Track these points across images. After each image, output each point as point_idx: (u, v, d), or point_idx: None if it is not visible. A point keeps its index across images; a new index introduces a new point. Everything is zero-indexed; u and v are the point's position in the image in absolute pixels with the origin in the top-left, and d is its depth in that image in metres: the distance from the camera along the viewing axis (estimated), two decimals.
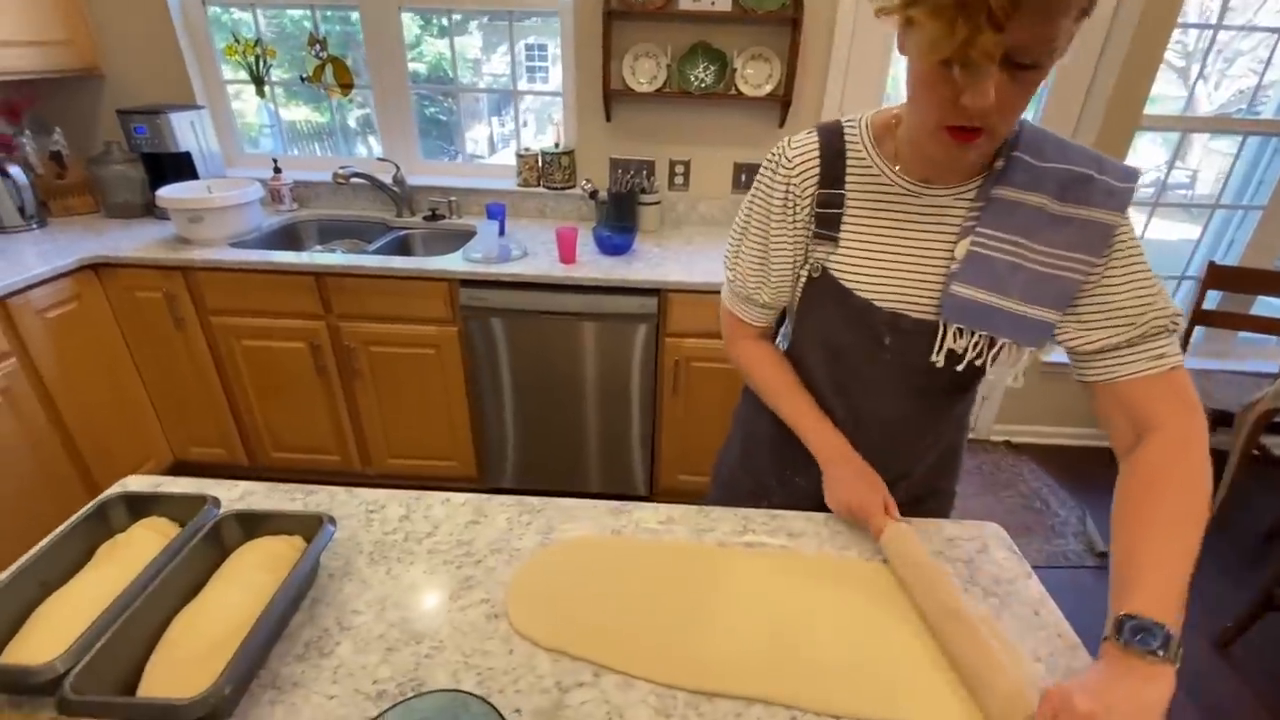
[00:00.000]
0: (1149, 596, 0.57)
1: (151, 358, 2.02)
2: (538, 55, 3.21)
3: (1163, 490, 0.64)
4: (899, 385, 0.82)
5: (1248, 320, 2.37)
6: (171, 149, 2.11)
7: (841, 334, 0.81)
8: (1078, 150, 0.71)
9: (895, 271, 0.76)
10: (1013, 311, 0.71)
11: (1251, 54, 3.58)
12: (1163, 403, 0.68)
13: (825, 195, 0.76)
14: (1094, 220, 0.68)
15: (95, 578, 0.69)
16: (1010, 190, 0.70)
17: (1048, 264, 0.69)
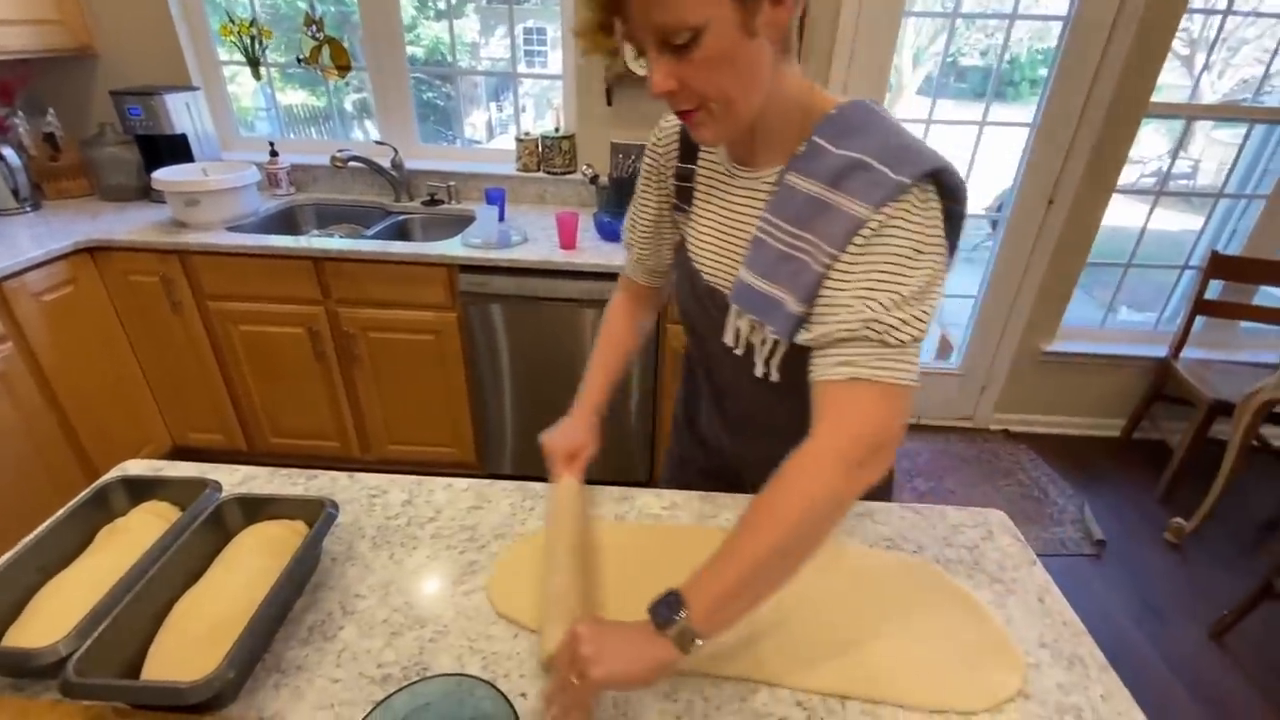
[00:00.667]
0: (702, 585, 0.56)
1: (149, 342, 2.01)
2: (536, 39, 3.17)
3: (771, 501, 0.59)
4: (735, 359, 0.78)
5: (1249, 310, 2.37)
6: (166, 131, 2.08)
7: (690, 304, 0.84)
8: (881, 138, 0.63)
9: (719, 248, 0.77)
10: (775, 298, 0.68)
11: (1256, 42, 3.55)
12: (826, 412, 0.61)
13: (681, 169, 0.81)
14: (845, 211, 0.62)
15: (95, 562, 0.69)
16: (796, 177, 0.67)
17: (805, 253, 0.65)
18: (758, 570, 0.56)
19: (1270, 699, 1.64)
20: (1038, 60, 3.79)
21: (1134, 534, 2.17)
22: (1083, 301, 2.56)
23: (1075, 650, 0.68)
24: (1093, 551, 2.08)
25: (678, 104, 0.62)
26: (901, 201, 0.60)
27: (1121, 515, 2.25)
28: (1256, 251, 2.40)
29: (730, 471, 0.97)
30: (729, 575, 0.56)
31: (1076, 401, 2.67)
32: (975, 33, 3.65)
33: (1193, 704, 1.62)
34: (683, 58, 0.58)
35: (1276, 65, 2.27)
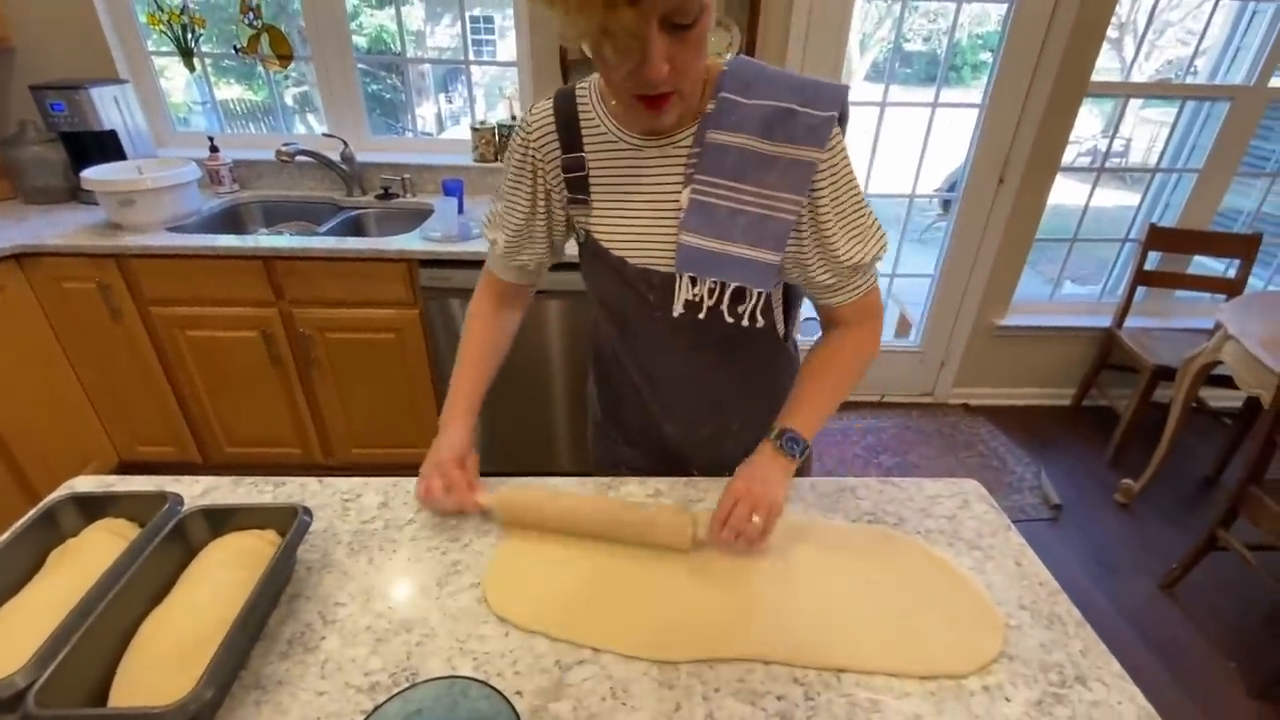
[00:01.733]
0: (803, 421, 0.78)
1: (87, 353, 1.89)
2: (484, 28, 3.10)
3: (831, 355, 0.81)
4: (675, 341, 0.81)
5: (1186, 279, 2.50)
6: (94, 127, 1.95)
7: (614, 295, 0.81)
8: (785, 82, 0.69)
9: (638, 227, 0.75)
10: (738, 256, 0.70)
11: (1180, 24, 3.73)
12: (856, 314, 0.80)
13: (568, 160, 0.76)
14: (796, 158, 0.67)
15: (49, 585, 0.64)
16: (721, 134, 0.68)
17: (762, 205, 0.69)
18: (828, 401, 0.81)
19: (1217, 643, 1.74)
20: (978, 45, 3.90)
21: (1087, 497, 2.27)
22: (1030, 277, 2.66)
23: (1053, 609, 0.71)
24: (1051, 515, 2.17)
25: (661, 87, 0.60)
26: (834, 135, 0.68)
27: (1075, 480, 2.36)
28: (1189, 223, 2.53)
29: (671, 459, 0.96)
30: (821, 411, 0.80)
31: (1029, 373, 2.77)
32: (919, 18, 3.73)
33: (1147, 652, 1.71)
34: (679, 38, 0.56)
35: (1202, 45, 2.38)
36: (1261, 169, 2.61)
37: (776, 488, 0.73)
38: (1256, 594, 1.87)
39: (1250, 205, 2.67)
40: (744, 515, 0.70)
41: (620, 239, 0.76)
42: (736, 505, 0.71)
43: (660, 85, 0.59)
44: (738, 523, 0.70)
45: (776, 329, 0.84)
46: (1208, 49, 2.41)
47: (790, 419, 0.78)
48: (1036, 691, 0.61)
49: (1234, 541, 1.71)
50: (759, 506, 0.70)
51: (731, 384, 0.89)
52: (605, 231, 0.77)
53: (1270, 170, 2.59)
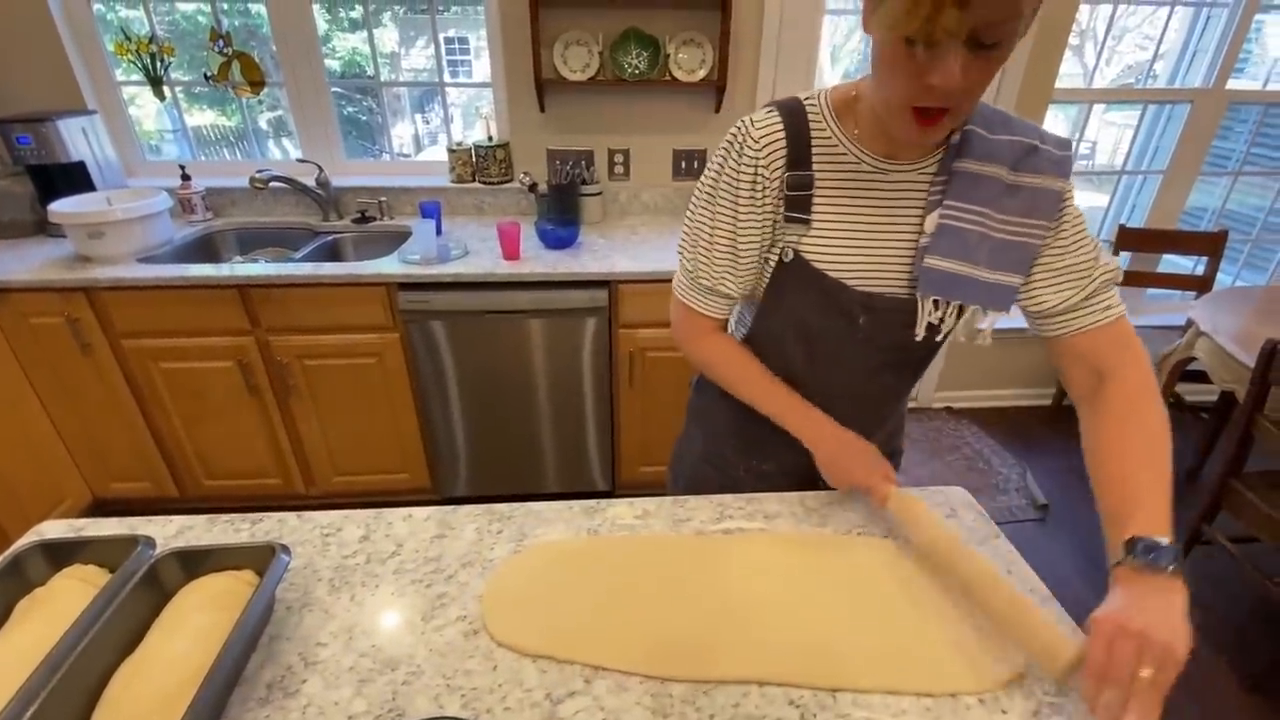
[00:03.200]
0: (1148, 519, 0.61)
1: (57, 388, 1.84)
2: (459, 49, 3.11)
3: (1136, 427, 0.69)
4: (870, 362, 0.83)
5: (1156, 278, 2.55)
6: (62, 159, 1.92)
7: (815, 316, 0.80)
8: (1019, 122, 0.74)
9: (866, 250, 0.76)
10: (982, 279, 0.73)
11: (1138, 30, 3.84)
12: (1115, 350, 0.74)
13: (794, 177, 0.73)
14: (1045, 188, 0.72)
15: (15, 639, 0.62)
16: (970, 163, 0.72)
17: (1010, 231, 0.73)
18: (1168, 481, 0.64)
19: (1206, 636, 1.75)
20: None
21: (1072, 495, 2.30)
22: None
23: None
24: (1037, 516, 2.19)
25: (945, 100, 0.60)
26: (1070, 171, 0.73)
27: (1060, 478, 2.38)
28: (1157, 222, 2.59)
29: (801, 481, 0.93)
30: (1163, 493, 0.63)
31: (1010, 374, 2.81)
32: None
33: None
34: (979, 56, 0.57)
35: (1160, 50, 2.45)
36: (1224, 168, 2.68)
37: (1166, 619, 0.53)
38: (1242, 586, 1.89)
39: (1215, 203, 2.75)
40: (1124, 664, 0.51)
41: (841, 261, 0.76)
42: (1112, 651, 0.52)
43: (947, 97, 0.59)
44: (1119, 675, 0.51)
45: None
46: (1166, 53, 2.48)
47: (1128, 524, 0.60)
48: (1033, 703, 0.61)
49: (1218, 535, 1.73)
50: (1145, 651, 0.51)
51: (896, 400, 0.93)
52: (822, 253, 0.76)
53: (1232, 169, 2.67)
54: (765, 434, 0.90)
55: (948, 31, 0.55)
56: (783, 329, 0.84)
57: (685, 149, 2.25)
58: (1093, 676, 0.53)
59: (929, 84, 0.58)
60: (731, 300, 0.85)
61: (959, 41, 0.56)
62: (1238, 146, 2.66)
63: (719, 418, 0.97)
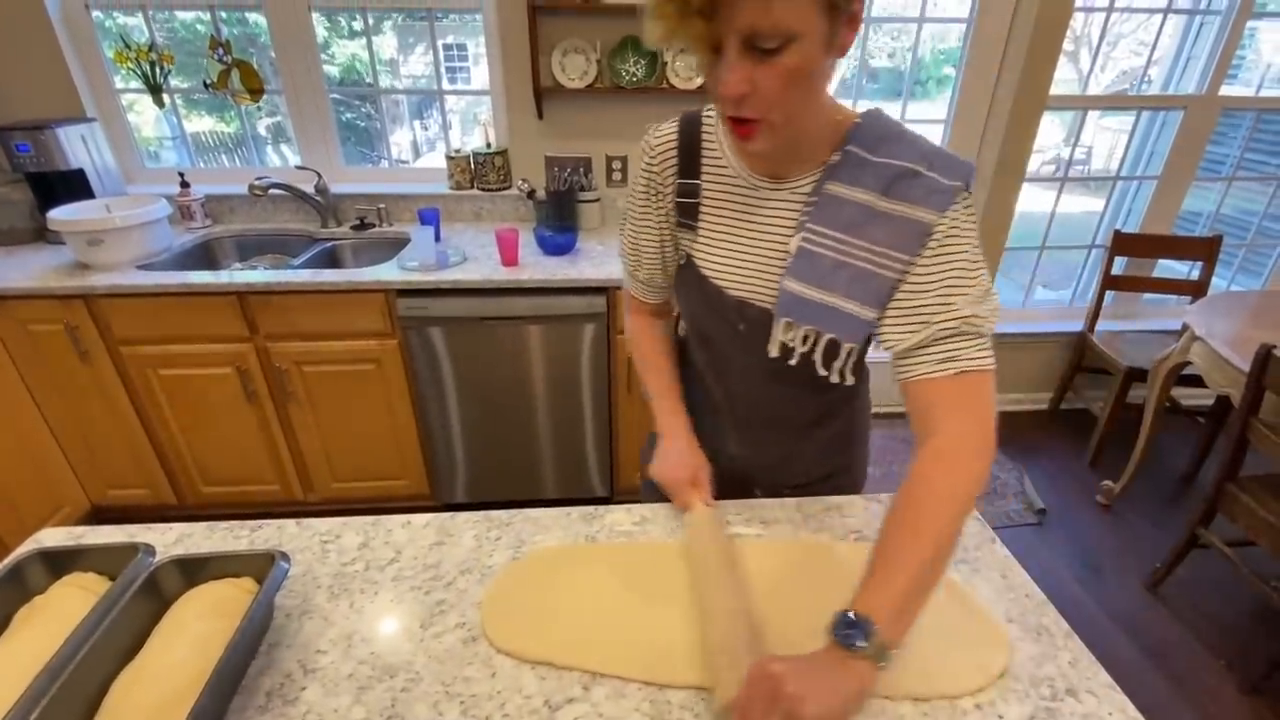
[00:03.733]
0: (874, 598, 0.57)
1: (55, 396, 1.84)
2: (457, 56, 3.12)
3: (920, 500, 0.62)
4: (758, 370, 0.80)
5: (1151, 282, 2.56)
6: (61, 167, 1.92)
7: (706, 319, 0.83)
8: (912, 144, 0.68)
9: (743, 261, 0.76)
10: (837, 307, 0.69)
11: (1132, 36, 3.86)
12: (944, 408, 0.66)
13: (684, 185, 0.77)
14: (912, 218, 0.66)
15: (15, 647, 0.62)
16: (839, 186, 0.69)
17: (870, 260, 0.68)
18: (924, 570, 0.58)
19: (1204, 639, 1.76)
20: (940, 59, 3.98)
21: (1070, 499, 2.30)
22: (1002, 284, 2.71)
23: (1040, 621, 0.71)
24: (1035, 520, 2.19)
25: (742, 110, 0.60)
26: (957, 204, 0.66)
27: (1057, 483, 2.38)
28: (1152, 227, 2.60)
29: (738, 479, 0.95)
30: (901, 582, 0.57)
31: (1007, 379, 2.81)
32: (883, 36, 3.83)
33: (1137, 653, 1.72)
34: (763, 63, 0.56)
35: (1154, 56, 2.47)
36: (1218, 173, 2.70)
37: (828, 691, 0.52)
38: (1240, 589, 1.90)
39: (1209, 208, 2.76)
40: (759, 707, 0.52)
41: (722, 269, 0.77)
42: (768, 685, 0.52)
43: (740, 107, 0.59)
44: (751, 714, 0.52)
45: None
46: (1160, 59, 2.50)
47: (860, 594, 0.58)
48: (1029, 707, 0.61)
49: (1214, 539, 1.73)
50: (795, 708, 0.50)
51: (811, 410, 0.88)
52: (707, 260, 0.78)
53: (1226, 174, 2.68)
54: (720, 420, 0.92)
55: (696, 40, 0.55)
56: (689, 329, 0.90)
57: None
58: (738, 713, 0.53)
59: (716, 93, 0.60)
60: (650, 288, 0.91)
61: (735, 48, 0.56)
62: (1232, 152, 2.67)
63: None
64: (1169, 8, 2.36)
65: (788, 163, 0.71)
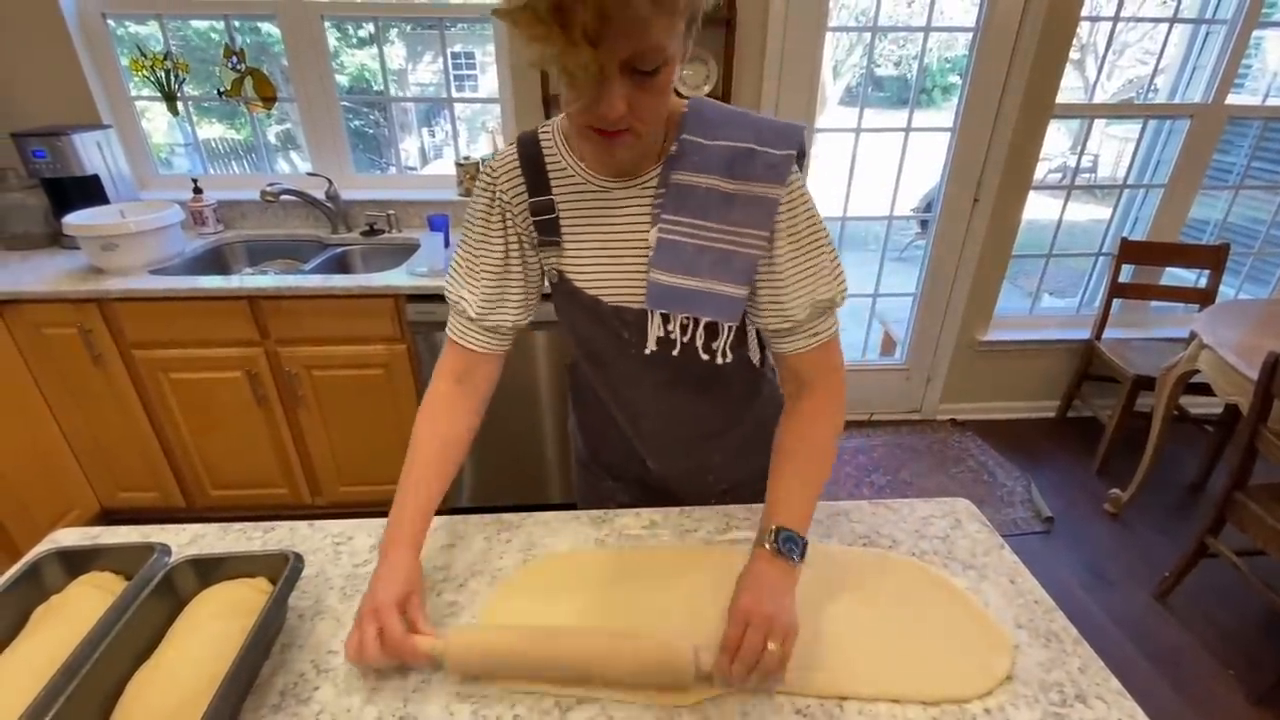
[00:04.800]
0: (792, 516, 0.70)
1: (68, 399, 1.86)
2: (465, 64, 3.15)
3: (804, 443, 0.76)
4: (652, 377, 0.82)
5: (1159, 290, 2.55)
6: (76, 173, 1.95)
7: (591, 335, 0.81)
8: (743, 123, 0.71)
9: (610, 265, 0.76)
10: (707, 291, 0.71)
11: (1138, 45, 3.86)
12: (813, 373, 0.77)
13: (536, 203, 0.75)
14: (759, 195, 0.69)
15: (33, 645, 0.63)
16: (685, 174, 0.70)
17: (728, 241, 0.70)
18: (819, 488, 0.74)
19: (1214, 650, 1.74)
20: (946, 68, 3.99)
21: (1077, 508, 2.29)
22: (1009, 292, 2.71)
23: (1050, 627, 0.71)
24: (1043, 528, 2.18)
25: (616, 125, 0.60)
26: (792, 173, 0.70)
27: (1064, 491, 2.37)
28: (1159, 235, 2.60)
29: (656, 493, 0.96)
30: (810, 499, 0.73)
31: (1014, 387, 2.81)
32: (888, 44, 3.85)
33: (1146, 663, 1.71)
34: (640, 84, 0.57)
35: (1160, 64, 2.48)
36: (1225, 182, 2.70)
37: (786, 601, 0.64)
38: (1249, 599, 1.88)
39: (1216, 216, 2.76)
40: (757, 644, 0.60)
41: (593, 278, 0.77)
42: (746, 632, 0.61)
43: (615, 124, 0.60)
44: (750, 654, 0.59)
45: (752, 360, 0.86)
46: (1166, 67, 2.50)
47: (779, 515, 0.70)
48: (1038, 712, 0.61)
49: (1223, 548, 1.72)
50: (773, 630, 0.60)
51: (711, 418, 0.89)
52: (577, 271, 0.77)
53: (1233, 183, 2.68)
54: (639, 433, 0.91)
55: (584, 68, 0.54)
56: (580, 352, 0.87)
57: None
58: (728, 654, 0.61)
59: (595, 113, 0.59)
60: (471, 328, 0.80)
61: (616, 72, 0.55)
62: (1239, 160, 2.67)
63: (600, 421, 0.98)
64: (1175, 17, 2.36)
65: (637, 159, 0.72)
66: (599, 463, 1.02)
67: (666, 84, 0.60)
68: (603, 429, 0.95)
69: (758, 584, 0.65)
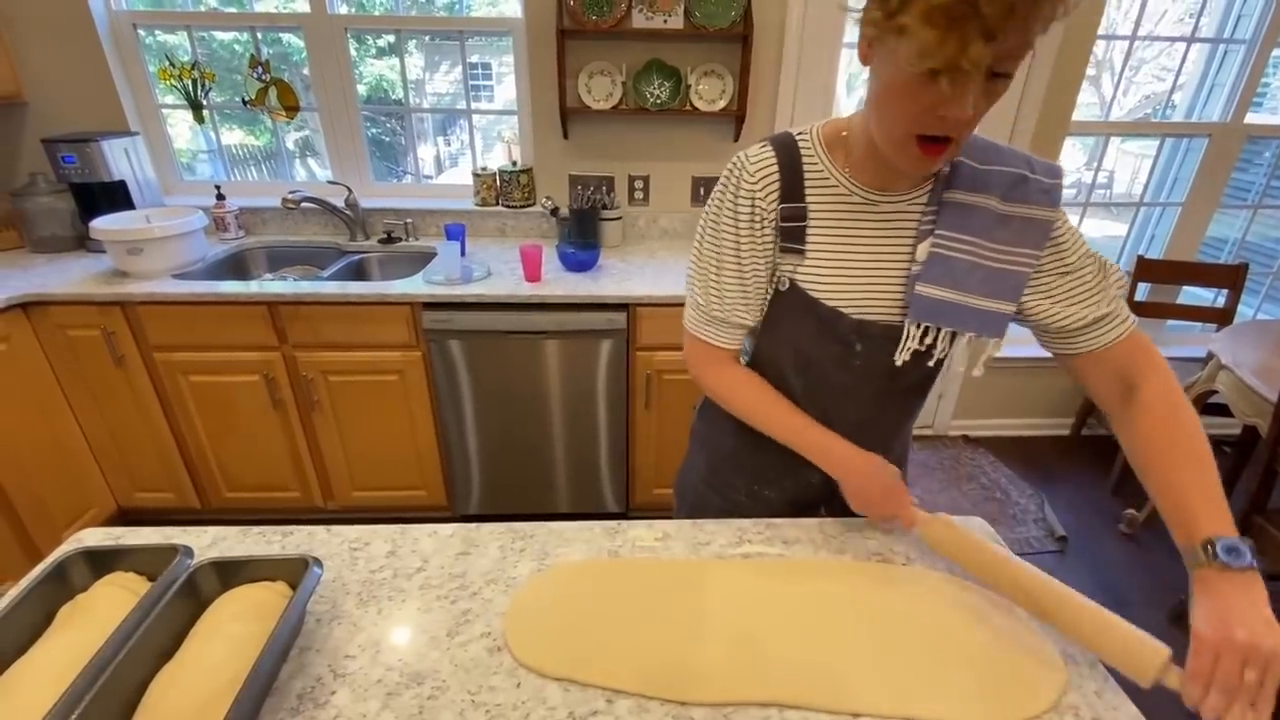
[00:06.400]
0: (1212, 519, 0.63)
1: (89, 400, 1.90)
2: (482, 74, 3.20)
3: (1180, 428, 0.70)
4: (867, 389, 0.84)
5: (1176, 309, 2.53)
6: (104, 178, 2.00)
7: (812, 344, 0.82)
8: (1009, 152, 0.76)
9: (859, 279, 0.78)
10: (975, 306, 0.75)
11: (1155, 61, 3.85)
12: (1141, 357, 0.76)
13: (788, 209, 0.76)
14: (1034, 218, 0.74)
15: (59, 644, 0.64)
16: (961, 194, 0.74)
17: (1000, 260, 0.74)
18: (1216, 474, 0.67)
19: None
20: None
21: (1091, 527, 2.26)
22: None
23: (1067, 649, 0.71)
24: (1056, 548, 2.16)
25: (950, 133, 0.62)
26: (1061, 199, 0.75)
27: (1078, 510, 2.35)
28: (1176, 253, 2.58)
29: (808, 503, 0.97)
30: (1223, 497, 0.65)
31: (1027, 403, 2.79)
32: None
33: (1162, 689, 1.68)
34: (991, 88, 0.59)
35: (1179, 81, 2.47)
36: (1244, 200, 2.67)
37: (1264, 622, 0.57)
38: None
39: (1235, 235, 2.73)
40: (1233, 671, 0.56)
41: (836, 290, 0.78)
42: (1219, 661, 0.56)
43: (956, 127, 0.62)
44: (1228, 680, 0.56)
45: None
46: (1184, 84, 2.49)
47: (1201, 524, 0.63)
48: None
49: None
50: (1252, 658, 0.55)
51: (897, 430, 0.93)
52: (817, 282, 0.78)
53: (1252, 202, 2.66)
54: (768, 460, 0.92)
55: (975, 64, 0.55)
56: (782, 358, 0.86)
57: (704, 176, 2.29)
58: (1200, 685, 0.57)
59: (941, 115, 0.60)
60: (744, 329, 0.86)
61: (981, 76, 0.57)
62: (1258, 179, 2.65)
63: (722, 443, 0.99)
64: (1193, 37, 2.36)
65: (901, 175, 0.74)
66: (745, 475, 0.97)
67: (1005, 90, 0.61)
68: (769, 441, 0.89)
69: (1218, 608, 0.59)
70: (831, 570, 0.80)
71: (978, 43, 0.54)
